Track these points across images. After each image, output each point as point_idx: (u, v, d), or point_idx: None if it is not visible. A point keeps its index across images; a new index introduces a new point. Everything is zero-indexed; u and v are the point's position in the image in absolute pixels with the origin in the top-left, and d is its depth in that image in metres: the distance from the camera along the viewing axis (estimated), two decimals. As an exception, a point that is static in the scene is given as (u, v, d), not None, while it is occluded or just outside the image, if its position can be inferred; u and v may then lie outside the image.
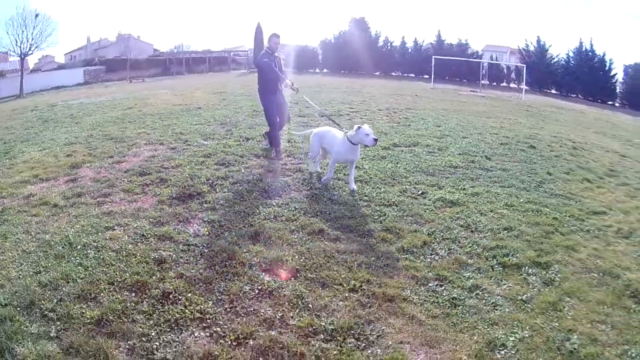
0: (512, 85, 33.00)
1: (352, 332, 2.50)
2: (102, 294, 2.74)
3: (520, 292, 3.15)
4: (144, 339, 2.37)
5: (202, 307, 2.62)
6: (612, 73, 33.31)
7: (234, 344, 2.36)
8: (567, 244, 4.02)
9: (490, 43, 45.31)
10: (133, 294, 2.74)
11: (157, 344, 2.33)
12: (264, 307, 2.67)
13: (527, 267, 3.50)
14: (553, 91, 33.33)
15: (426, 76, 30.07)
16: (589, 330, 2.83)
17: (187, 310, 2.58)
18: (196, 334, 2.41)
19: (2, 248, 3.45)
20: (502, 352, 2.54)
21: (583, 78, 32.29)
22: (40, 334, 2.42)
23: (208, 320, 2.53)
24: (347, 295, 2.84)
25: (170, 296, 2.70)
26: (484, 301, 2.98)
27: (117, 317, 2.53)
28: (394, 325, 2.59)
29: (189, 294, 2.73)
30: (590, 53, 33.68)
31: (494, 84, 32.09)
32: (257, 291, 2.83)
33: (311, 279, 3.01)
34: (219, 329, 2.47)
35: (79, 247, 3.37)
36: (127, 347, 2.33)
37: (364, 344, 2.42)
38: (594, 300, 3.17)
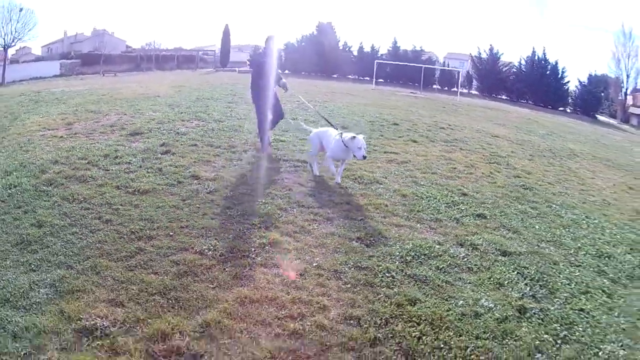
0: (463, 90, 37.58)
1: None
2: (89, 157, 6.82)
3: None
4: (104, 169, 6.54)
5: (130, 160, 6.82)
6: (564, 81, 38.26)
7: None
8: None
9: (452, 51, 50.42)
10: (103, 157, 6.86)
11: (111, 170, 6.52)
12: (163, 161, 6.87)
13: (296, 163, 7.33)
14: (503, 97, 37.97)
15: (380, 80, 34.59)
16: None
17: (124, 159, 6.78)
18: (129, 167, 6.62)
19: (34, 152, 7.33)
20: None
21: (534, 85, 36.94)
22: (50, 176, 6.21)
23: (132, 163, 6.74)
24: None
25: (118, 158, 6.88)
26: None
27: (95, 163, 6.63)
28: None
29: (127, 157, 6.93)
30: (543, 61, 38.30)
31: (446, 88, 36.55)
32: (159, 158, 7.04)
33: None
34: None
35: (77, 149, 7.42)
36: (96, 170, 6.46)
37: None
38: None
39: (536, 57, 38.48)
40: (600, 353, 3.33)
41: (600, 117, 36.68)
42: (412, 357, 2.96)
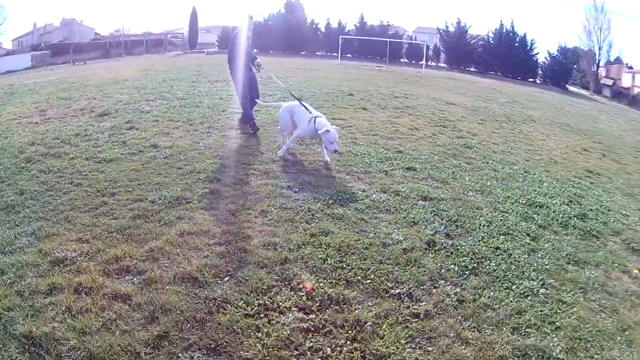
0: (431, 63, 38.25)
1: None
2: (62, 137, 7.55)
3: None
4: (75, 146, 7.33)
5: (98, 136, 7.62)
6: (533, 52, 38.44)
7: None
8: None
9: (422, 25, 51.12)
10: (74, 136, 7.57)
11: (81, 146, 7.32)
12: (127, 136, 7.68)
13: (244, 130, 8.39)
14: (472, 69, 38.16)
15: (348, 55, 35.22)
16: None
17: (93, 136, 7.58)
18: (97, 142, 7.42)
19: (12, 137, 7.99)
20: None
21: (502, 57, 37.20)
22: (28, 155, 6.98)
23: (99, 139, 7.55)
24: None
25: (87, 135, 7.66)
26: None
27: (67, 141, 7.37)
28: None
29: (96, 134, 7.72)
30: (511, 34, 38.67)
31: (413, 62, 37.15)
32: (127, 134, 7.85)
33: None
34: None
35: (51, 131, 8.10)
36: (68, 147, 7.24)
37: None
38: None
39: (504, 30, 38.82)
40: (514, 287, 3.61)
41: (572, 88, 37.23)
42: (316, 274, 3.52)
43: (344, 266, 3.69)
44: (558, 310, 3.42)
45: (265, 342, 2.87)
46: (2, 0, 74.51)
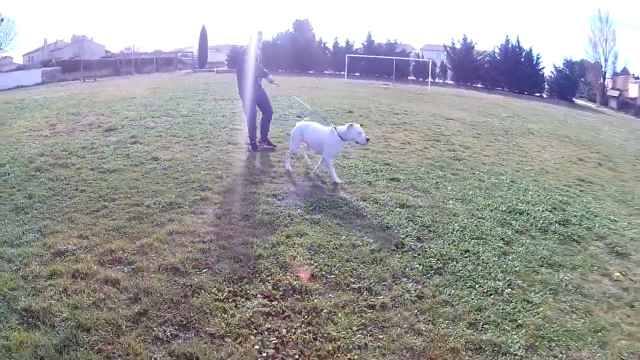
0: (438, 80, 38.83)
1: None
2: (70, 149, 8.21)
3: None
4: (82, 157, 7.97)
5: (104, 149, 8.27)
6: (539, 67, 39.12)
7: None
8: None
9: (429, 42, 51.92)
10: (81, 149, 8.21)
11: (87, 158, 7.96)
12: (131, 149, 8.31)
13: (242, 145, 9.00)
14: (479, 85, 38.86)
15: (356, 74, 35.96)
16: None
17: (99, 149, 8.22)
18: (103, 155, 8.06)
19: (23, 148, 8.65)
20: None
21: (508, 72, 37.82)
22: (37, 165, 7.59)
23: (105, 152, 8.19)
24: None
25: (93, 148, 8.30)
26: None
27: (74, 153, 8.02)
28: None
29: (102, 147, 8.37)
30: (517, 49, 39.29)
31: (420, 79, 37.78)
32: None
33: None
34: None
35: (59, 144, 8.79)
36: (75, 158, 7.88)
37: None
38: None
39: (510, 45, 39.48)
40: (477, 286, 3.81)
41: (578, 101, 37.66)
42: (285, 268, 3.99)
43: (312, 263, 4.09)
44: (522, 309, 3.56)
45: (229, 321, 3.37)
46: (13, 16, 76.87)
